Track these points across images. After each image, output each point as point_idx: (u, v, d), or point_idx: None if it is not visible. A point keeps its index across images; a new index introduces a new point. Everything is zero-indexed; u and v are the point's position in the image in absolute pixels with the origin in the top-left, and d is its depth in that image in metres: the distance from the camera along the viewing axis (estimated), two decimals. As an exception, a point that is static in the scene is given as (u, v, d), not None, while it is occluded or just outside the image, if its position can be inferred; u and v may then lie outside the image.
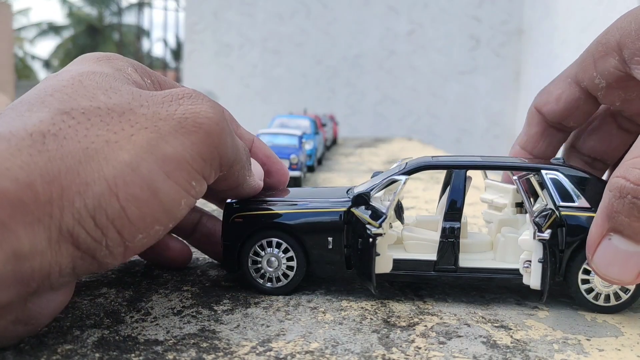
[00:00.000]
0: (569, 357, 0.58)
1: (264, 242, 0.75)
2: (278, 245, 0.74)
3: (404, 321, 0.66)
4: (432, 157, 0.80)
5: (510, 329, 0.64)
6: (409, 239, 0.77)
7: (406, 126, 5.47)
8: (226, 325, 0.63)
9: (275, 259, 0.74)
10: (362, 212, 0.72)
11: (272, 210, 0.76)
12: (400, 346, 0.59)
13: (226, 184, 0.69)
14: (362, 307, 0.70)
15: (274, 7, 5.55)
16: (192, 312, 0.67)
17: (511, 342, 0.61)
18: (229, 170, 0.65)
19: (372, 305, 0.71)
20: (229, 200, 0.79)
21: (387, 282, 0.79)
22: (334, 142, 3.21)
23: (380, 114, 5.54)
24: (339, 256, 0.74)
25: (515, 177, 0.75)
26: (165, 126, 0.56)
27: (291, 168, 1.62)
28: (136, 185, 0.53)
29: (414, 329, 0.64)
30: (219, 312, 0.67)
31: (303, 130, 2.03)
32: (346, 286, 0.77)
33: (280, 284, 0.74)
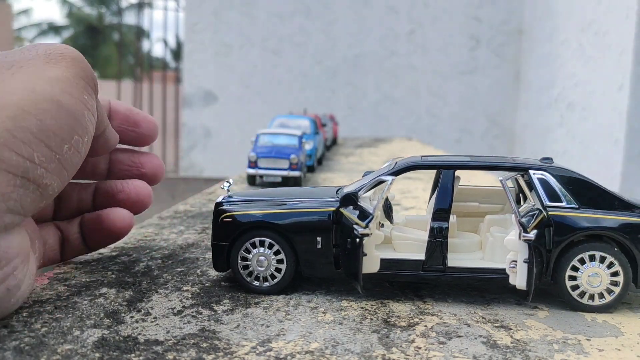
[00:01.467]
0: (569, 357, 0.57)
1: (253, 241, 0.75)
2: (267, 245, 0.75)
3: (404, 321, 0.66)
4: (422, 156, 0.81)
5: (510, 329, 0.64)
6: (398, 238, 0.77)
7: (406, 126, 5.46)
8: (226, 325, 0.63)
9: (264, 259, 0.74)
10: (349, 212, 0.73)
11: (261, 210, 0.76)
12: (400, 346, 0.59)
13: (98, 123, 0.73)
14: (362, 307, 0.70)
15: (274, 7, 5.54)
16: (192, 312, 0.67)
17: (511, 342, 0.61)
18: (97, 103, 0.71)
19: (372, 305, 0.71)
20: (218, 200, 0.79)
21: (387, 282, 0.79)
22: (334, 142, 3.21)
23: (380, 114, 5.53)
24: (327, 256, 0.74)
25: (500, 178, 0.75)
26: (37, 62, 0.64)
27: (291, 168, 1.62)
28: (41, 100, 0.60)
29: (414, 329, 0.63)
30: (219, 312, 0.67)
31: (303, 130, 2.03)
32: (346, 286, 0.77)
33: (269, 283, 0.74)
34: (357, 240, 0.69)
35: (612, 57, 3.38)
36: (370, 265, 0.72)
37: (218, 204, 0.78)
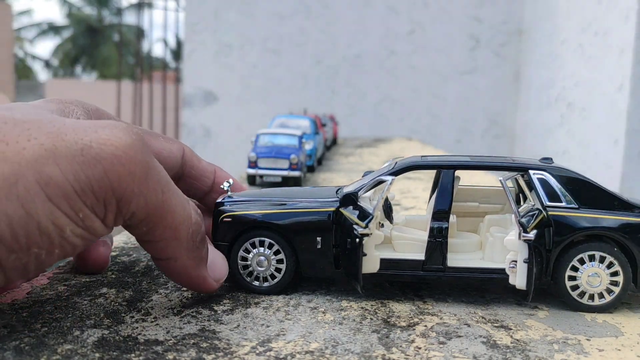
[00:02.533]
0: (569, 357, 0.57)
1: (253, 241, 0.75)
2: (267, 245, 0.75)
3: (404, 321, 0.66)
4: (422, 156, 0.81)
5: (510, 329, 0.64)
6: (398, 238, 0.77)
7: (406, 126, 5.46)
8: (226, 325, 0.63)
9: (264, 259, 0.74)
10: (349, 212, 0.73)
11: (261, 210, 0.76)
12: (400, 346, 0.59)
13: (151, 247, 0.63)
14: (362, 307, 0.70)
15: (274, 7, 5.54)
16: (192, 312, 0.67)
17: (511, 342, 0.61)
18: (146, 224, 0.59)
19: (372, 305, 0.71)
20: (219, 200, 0.79)
21: (388, 283, 0.79)
22: (334, 142, 3.20)
23: (380, 114, 5.53)
24: (327, 256, 0.74)
25: (500, 178, 0.75)
26: (64, 149, 0.52)
27: (291, 168, 1.62)
28: (12, 199, 0.50)
29: (414, 329, 0.63)
30: (219, 312, 0.67)
31: (303, 130, 2.03)
32: (346, 286, 0.77)
33: (269, 283, 0.74)
34: (357, 240, 0.69)
35: (612, 57, 3.38)
36: (370, 265, 0.72)
37: (218, 204, 0.78)
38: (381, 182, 0.75)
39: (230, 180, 0.83)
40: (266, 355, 0.56)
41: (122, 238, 1.02)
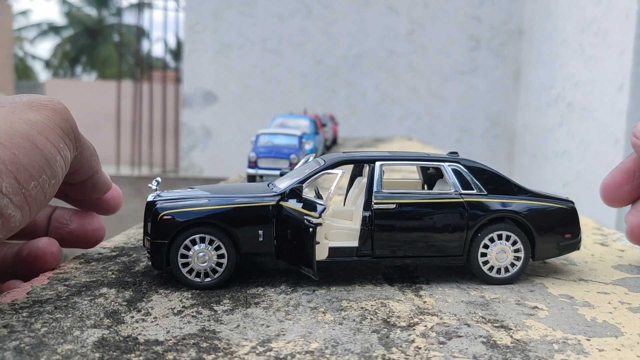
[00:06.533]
0: (569, 357, 0.57)
1: (194, 238, 0.76)
2: (208, 241, 0.76)
3: (404, 321, 0.66)
4: (344, 152, 0.88)
5: (510, 329, 0.64)
6: (332, 228, 0.82)
7: (406, 126, 5.46)
8: (226, 325, 0.63)
9: (205, 254, 0.75)
10: (298, 205, 0.76)
11: (202, 206, 0.77)
12: (400, 346, 0.59)
13: (83, 172, 0.78)
14: (362, 307, 0.70)
15: (274, 7, 5.54)
16: (192, 312, 0.67)
17: (511, 342, 0.61)
18: (82, 153, 0.75)
19: (372, 305, 0.71)
20: (149, 199, 0.79)
21: (388, 283, 0.79)
22: (334, 142, 3.21)
23: (380, 114, 5.53)
24: (269, 247, 0.77)
25: (442, 166, 0.83)
26: (19, 105, 0.68)
27: (291, 168, 1.62)
28: (17, 136, 0.63)
29: (414, 329, 0.63)
30: (219, 312, 0.67)
31: (303, 130, 2.03)
32: (346, 286, 0.77)
33: (209, 278, 0.75)
34: (311, 230, 0.73)
35: (612, 57, 3.38)
36: (321, 253, 0.76)
37: (151, 203, 0.78)
38: (321, 175, 0.80)
39: (159, 179, 0.83)
40: (266, 355, 0.56)
41: (122, 238, 1.02)
